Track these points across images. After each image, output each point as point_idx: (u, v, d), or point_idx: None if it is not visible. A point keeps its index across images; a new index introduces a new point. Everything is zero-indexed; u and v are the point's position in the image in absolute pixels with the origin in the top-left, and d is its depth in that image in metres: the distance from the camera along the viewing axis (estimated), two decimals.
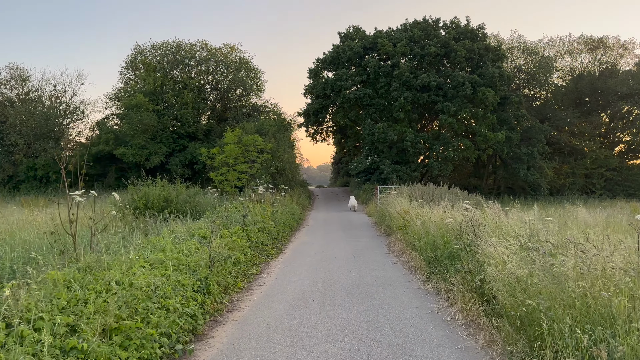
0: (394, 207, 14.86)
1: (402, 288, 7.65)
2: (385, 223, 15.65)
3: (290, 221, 16.85)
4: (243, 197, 18.31)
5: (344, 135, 40.16)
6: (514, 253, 5.74)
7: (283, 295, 7.15)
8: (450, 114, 29.80)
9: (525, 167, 33.85)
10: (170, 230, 9.65)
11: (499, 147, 31.80)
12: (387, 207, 16.60)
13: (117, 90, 37.93)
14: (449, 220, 6.92)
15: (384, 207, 17.84)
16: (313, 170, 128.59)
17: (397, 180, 30.32)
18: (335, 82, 31.95)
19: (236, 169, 18.60)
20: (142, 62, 37.16)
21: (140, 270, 6.07)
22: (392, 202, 16.15)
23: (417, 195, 17.56)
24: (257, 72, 40.32)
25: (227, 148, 18.57)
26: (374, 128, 30.11)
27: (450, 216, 8.71)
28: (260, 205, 15.69)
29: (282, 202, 19.10)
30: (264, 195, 18.98)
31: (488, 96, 29.89)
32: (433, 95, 30.58)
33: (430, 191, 18.79)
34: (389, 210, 15.31)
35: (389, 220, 15.21)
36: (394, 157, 31.61)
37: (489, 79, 31.00)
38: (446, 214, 9.49)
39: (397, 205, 14.43)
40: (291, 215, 17.87)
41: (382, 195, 26.47)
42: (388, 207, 16.08)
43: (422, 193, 17.90)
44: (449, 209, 10.13)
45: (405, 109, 30.50)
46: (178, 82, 36.19)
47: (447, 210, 10.95)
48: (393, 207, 14.92)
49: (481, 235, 6.60)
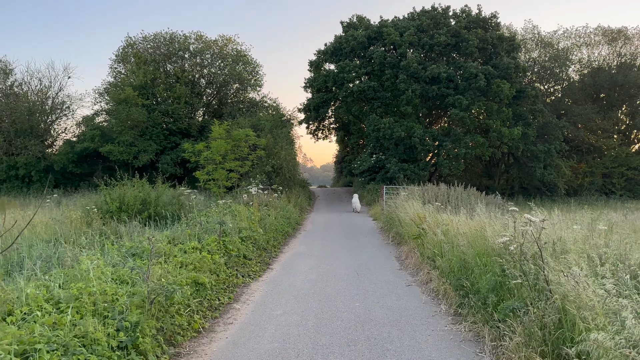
0: (404, 212, 12.67)
1: (424, 329, 5.46)
2: (394, 230, 13.47)
3: (284, 227, 14.71)
4: (231, 199, 16.21)
5: (347, 132, 37.97)
6: (612, 294, 3.56)
7: (256, 345, 4.97)
8: (462, 108, 27.53)
9: (541, 166, 31.53)
10: (117, 244, 7.49)
11: (514, 144, 29.49)
12: (396, 210, 14.40)
13: (107, 84, 35.88)
14: (503, 240, 4.71)
15: (392, 210, 15.65)
16: (316, 170, 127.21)
17: (405, 180, 28.11)
18: (338, 75, 29.75)
19: (225, 167, 16.46)
20: (133, 55, 35.10)
21: (33, 315, 3.95)
22: (402, 205, 13.95)
23: (430, 197, 15.34)
24: (255, 66, 38.21)
25: (215, 144, 16.45)
26: (379, 123, 27.90)
27: (491, 227, 6.52)
28: (248, 208, 13.55)
29: (276, 204, 16.95)
30: (257, 197, 16.85)
31: (503, 89, 27.61)
32: (443, 88, 28.32)
33: (444, 192, 16.57)
34: (399, 215, 13.11)
35: (398, 227, 13.01)
36: (400, 155, 29.38)
37: (504, 70, 28.70)
38: (479, 223, 7.30)
39: (409, 210, 12.24)
40: (286, 219, 15.73)
41: (388, 196, 24.28)
42: (397, 211, 13.88)
43: (435, 194, 15.68)
44: (483, 215, 7.92)
45: (413, 103, 28.26)
46: (171, 75, 34.12)
47: (474, 217, 8.75)
48: (404, 212, 12.73)
49: (547, 260, 4.40)
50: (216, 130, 16.35)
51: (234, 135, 17.11)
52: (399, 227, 12.69)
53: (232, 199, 16.18)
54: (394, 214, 14.48)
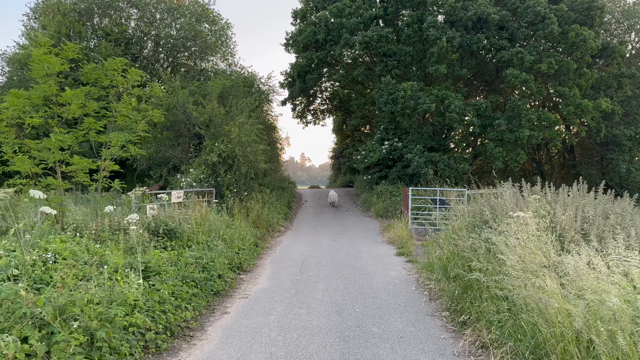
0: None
1: None
2: (467, 308, 3.71)
3: (176, 301, 4.96)
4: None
5: (346, 113, 28.15)
6: None
7: None
8: (523, 67, 17.82)
9: (626, 158, 21.88)
10: None
11: (596, 125, 19.75)
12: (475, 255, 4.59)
13: (21, 48, 26.03)
14: None
15: (454, 245, 5.98)
16: (315, 169, 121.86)
17: (434, 177, 18.38)
18: (333, 22, 20.02)
19: (54, 143, 6.75)
20: (51, 7, 25.27)
21: None
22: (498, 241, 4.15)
23: (566, 219, 5.53)
24: (223, 27, 28.45)
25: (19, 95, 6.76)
26: (395, 90, 18.13)
27: None
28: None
29: (201, 227, 7.30)
30: (173, 209, 7.38)
31: (587, 38, 17.90)
32: (494, 38, 18.60)
33: (576, 204, 6.73)
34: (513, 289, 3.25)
35: (487, 307, 3.25)
36: (426, 140, 19.65)
37: (583, 13, 19.01)
38: None
39: None
40: (186, 282, 5.99)
41: (414, 202, 14.62)
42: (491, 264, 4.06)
43: (582, 214, 5.87)
44: None
45: (448, 60, 18.52)
46: (97, 29, 24.32)
47: None
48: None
49: None
50: (39, 57, 6.63)
51: (88, 72, 7.40)
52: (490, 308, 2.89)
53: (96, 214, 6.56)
54: (463, 262, 4.71)
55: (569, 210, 5.65)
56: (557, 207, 5.76)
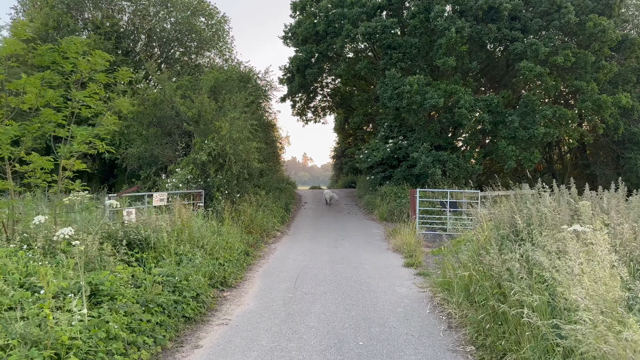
0: None
1: None
2: (500, 345, 2.45)
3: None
4: None
5: (348, 110, 26.97)
6: None
7: None
8: (538, 60, 16.60)
9: None
10: None
11: (614, 122, 18.50)
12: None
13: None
14: None
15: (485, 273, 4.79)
16: (317, 169, 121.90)
17: (442, 177, 17.20)
18: (334, 12, 18.84)
19: None
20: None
21: None
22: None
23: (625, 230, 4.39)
24: (219, 21, 27.27)
25: None
26: (400, 84, 16.93)
27: None
28: None
29: (181, 237, 6.13)
30: (160, 213, 6.23)
31: (606, 29, 16.67)
32: (505, 29, 17.37)
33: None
34: None
35: None
36: (433, 138, 18.45)
37: (602, 1, 17.79)
38: None
39: None
40: (149, 308, 4.78)
41: (422, 204, 13.46)
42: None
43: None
44: None
45: (457, 52, 17.31)
46: (87, 23, 23.20)
47: None
48: None
49: None
50: None
51: (43, 53, 6.25)
52: None
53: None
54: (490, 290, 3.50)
55: (628, 221, 4.45)
56: (613, 216, 4.56)
